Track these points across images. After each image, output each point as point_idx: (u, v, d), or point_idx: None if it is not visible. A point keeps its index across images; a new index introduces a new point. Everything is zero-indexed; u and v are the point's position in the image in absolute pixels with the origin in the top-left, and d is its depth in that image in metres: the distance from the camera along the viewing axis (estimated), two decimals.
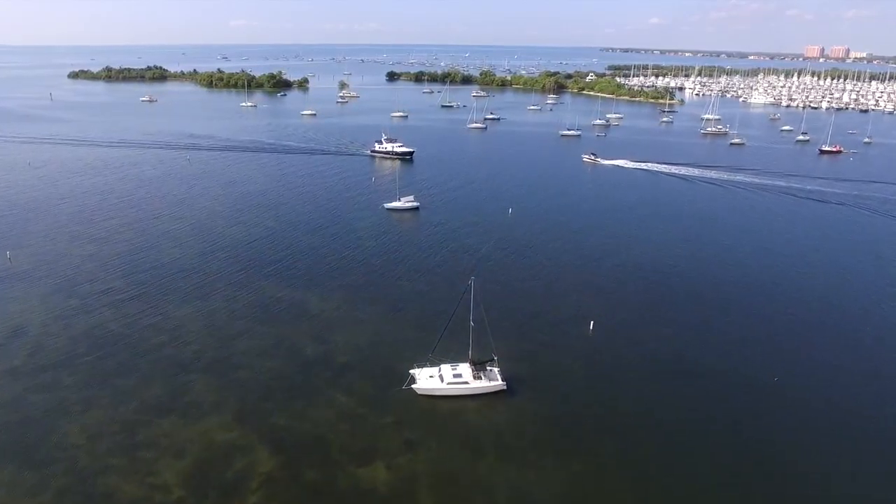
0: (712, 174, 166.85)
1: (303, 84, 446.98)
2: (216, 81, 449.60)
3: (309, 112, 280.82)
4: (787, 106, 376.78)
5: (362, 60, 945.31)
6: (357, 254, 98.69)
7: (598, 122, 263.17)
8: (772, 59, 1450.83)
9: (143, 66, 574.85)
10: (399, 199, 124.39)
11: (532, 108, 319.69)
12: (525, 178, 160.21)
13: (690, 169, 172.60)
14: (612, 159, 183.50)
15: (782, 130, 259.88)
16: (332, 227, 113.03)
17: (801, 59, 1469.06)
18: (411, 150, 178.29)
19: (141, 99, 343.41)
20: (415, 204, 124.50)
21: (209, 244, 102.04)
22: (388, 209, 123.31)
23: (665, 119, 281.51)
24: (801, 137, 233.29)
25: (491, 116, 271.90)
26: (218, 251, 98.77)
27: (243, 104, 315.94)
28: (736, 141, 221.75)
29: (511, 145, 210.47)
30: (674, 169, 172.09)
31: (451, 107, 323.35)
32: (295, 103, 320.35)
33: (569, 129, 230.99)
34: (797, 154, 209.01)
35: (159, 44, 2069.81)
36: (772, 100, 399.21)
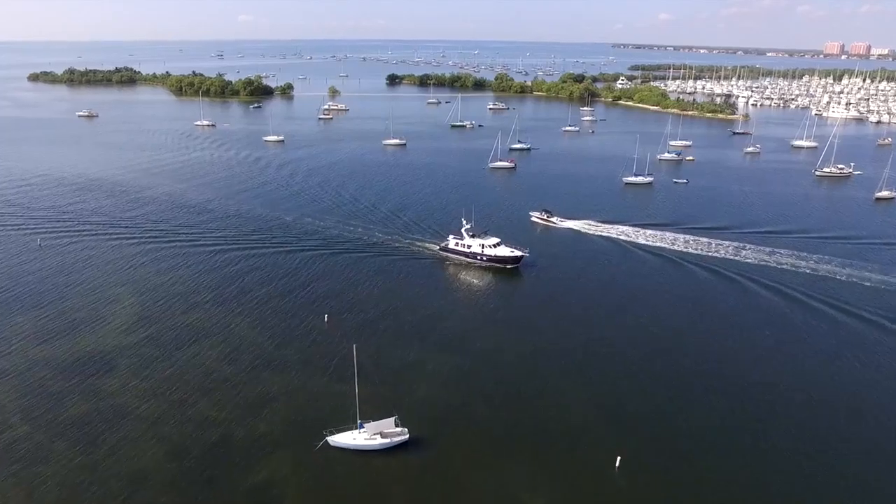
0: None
1: (286, 91, 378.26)
2: (186, 87, 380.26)
3: (274, 138, 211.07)
4: (878, 122, 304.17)
5: (364, 59, 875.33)
6: None
7: (667, 156, 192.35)
8: (791, 56, 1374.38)
9: (112, 68, 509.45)
10: (366, 430, 55.58)
11: (568, 129, 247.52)
12: (615, 320, 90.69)
13: (853, 270, 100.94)
14: (573, 219, 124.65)
15: None
16: None
17: (821, 56, 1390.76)
18: (520, 253, 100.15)
19: (78, 114, 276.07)
20: (399, 436, 55.76)
21: None
22: (333, 445, 54.98)
23: (750, 150, 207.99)
24: None
25: (519, 146, 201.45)
26: None
27: (198, 123, 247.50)
28: (884, 195, 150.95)
29: (558, 206, 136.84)
30: (812, 262, 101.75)
31: (462, 126, 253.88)
32: (266, 120, 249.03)
33: (635, 175, 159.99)
34: None
35: (163, 39, 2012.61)
36: (855, 113, 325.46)
